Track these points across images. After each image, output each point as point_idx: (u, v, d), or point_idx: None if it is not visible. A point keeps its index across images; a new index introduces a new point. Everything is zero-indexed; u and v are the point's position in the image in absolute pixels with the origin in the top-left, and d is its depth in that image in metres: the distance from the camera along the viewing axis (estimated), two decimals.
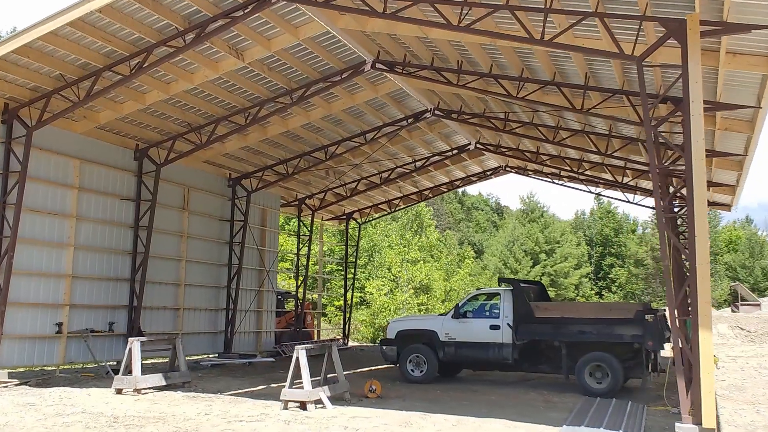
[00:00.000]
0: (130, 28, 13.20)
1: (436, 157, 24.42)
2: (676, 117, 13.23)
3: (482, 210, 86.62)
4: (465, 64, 15.33)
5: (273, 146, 21.36)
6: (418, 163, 24.86)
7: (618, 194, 25.76)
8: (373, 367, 19.52)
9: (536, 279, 52.64)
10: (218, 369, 18.74)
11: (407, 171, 25.59)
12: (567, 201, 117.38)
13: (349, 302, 30.21)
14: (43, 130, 15.22)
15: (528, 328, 14.87)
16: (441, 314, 16.55)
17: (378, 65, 15.98)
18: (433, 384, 15.45)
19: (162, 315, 19.59)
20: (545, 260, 61.42)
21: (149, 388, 13.43)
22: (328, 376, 13.00)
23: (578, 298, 60.52)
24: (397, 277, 39.20)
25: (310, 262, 27.92)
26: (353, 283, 31.11)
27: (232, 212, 22.50)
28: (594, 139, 18.68)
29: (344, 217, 30.65)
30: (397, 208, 31.80)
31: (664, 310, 15.19)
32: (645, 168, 21.08)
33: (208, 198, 21.70)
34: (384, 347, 16.67)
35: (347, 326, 29.59)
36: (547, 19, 10.75)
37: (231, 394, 13.37)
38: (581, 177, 24.94)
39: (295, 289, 27.58)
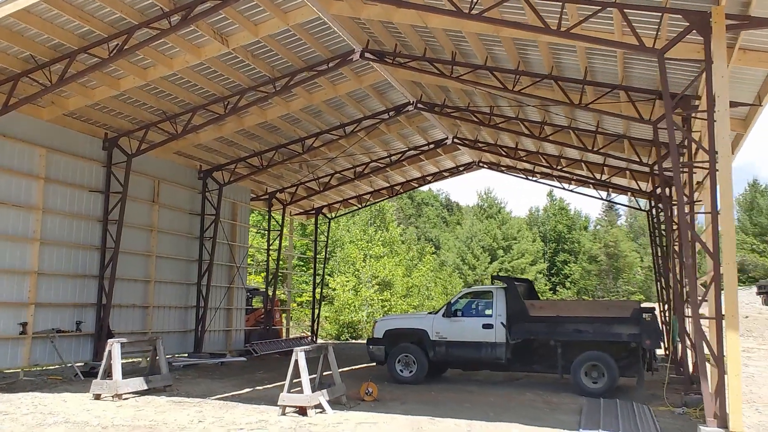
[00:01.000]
0: (111, 6, 12.29)
1: (412, 152, 23.93)
2: (676, 114, 13.21)
3: (432, 206, 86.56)
4: (458, 56, 14.89)
5: (248, 137, 20.47)
6: (394, 158, 24.33)
7: (592, 191, 25.84)
8: (354, 367, 18.91)
9: (495, 274, 52.81)
10: (192, 370, 17.87)
11: (382, 165, 25.02)
12: (521, 197, 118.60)
13: (318, 298, 29.47)
14: (8, 116, 14.15)
15: (522, 326, 14.52)
16: (431, 312, 16.06)
17: (367, 55, 15.41)
18: (425, 385, 14.97)
19: (131, 313, 18.60)
20: (503, 256, 61.74)
21: (130, 393, 12.58)
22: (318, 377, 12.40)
23: None
24: (360, 273, 38.63)
25: (276, 258, 27.03)
26: (322, 279, 30.38)
27: (203, 206, 21.53)
28: (579, 135, 18.52)
29: (313, 211, 29.83)
30: (367, 204, 31.17)
31: (653, 308, 15.12)
32: (624, 165, 21.12)
33: (178, 191, 20.71)
34: (371, 347, 16.05)
35: (316, 323, 28.81)
36: (563, 9, 10.43)
37: (218, 399, 12.62)
38: (555, 174, 24.92)
39: (264, 286, 26.68)
